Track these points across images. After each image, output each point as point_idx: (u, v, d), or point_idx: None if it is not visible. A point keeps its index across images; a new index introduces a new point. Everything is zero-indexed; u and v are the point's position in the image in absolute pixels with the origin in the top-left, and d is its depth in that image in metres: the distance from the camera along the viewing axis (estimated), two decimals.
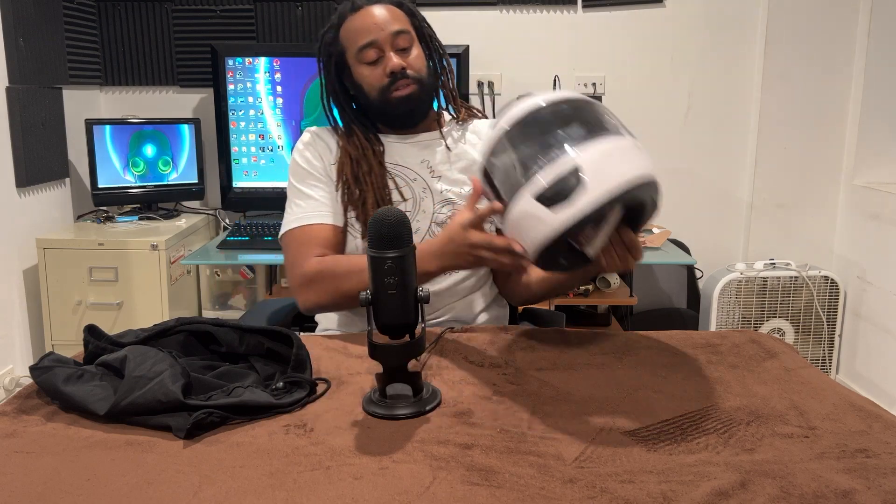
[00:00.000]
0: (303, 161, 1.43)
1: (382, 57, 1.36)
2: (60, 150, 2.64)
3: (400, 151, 1.43)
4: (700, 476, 0.80)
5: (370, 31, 1.35)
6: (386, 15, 1.36)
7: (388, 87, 1.36)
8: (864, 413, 0.96)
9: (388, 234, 0.93)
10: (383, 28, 1.34)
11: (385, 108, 1.39)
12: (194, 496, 0.78)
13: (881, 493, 0.77)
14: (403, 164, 1.43)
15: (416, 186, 1.42)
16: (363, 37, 1.35)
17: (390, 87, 1.36)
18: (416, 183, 1.42)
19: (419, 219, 1.40)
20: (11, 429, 0.93)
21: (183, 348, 1.08)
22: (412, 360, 0.98)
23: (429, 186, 1.42)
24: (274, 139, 2.74)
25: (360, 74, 1.38)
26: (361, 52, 1.36)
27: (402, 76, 1.35)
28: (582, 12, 2.87)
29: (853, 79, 2.81)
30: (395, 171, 1.42)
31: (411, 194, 1.41)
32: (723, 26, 2.86)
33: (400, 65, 1.35)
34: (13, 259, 2.41)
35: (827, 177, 2.91)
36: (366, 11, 1.36)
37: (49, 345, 2.49)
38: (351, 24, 1.37)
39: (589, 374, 1.10)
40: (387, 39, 1.35)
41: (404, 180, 1.42)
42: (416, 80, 1.37)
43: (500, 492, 0.78)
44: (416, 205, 1.41)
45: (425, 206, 1.41)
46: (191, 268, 2.74)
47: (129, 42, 2.89)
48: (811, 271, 2.78)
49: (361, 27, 1.35)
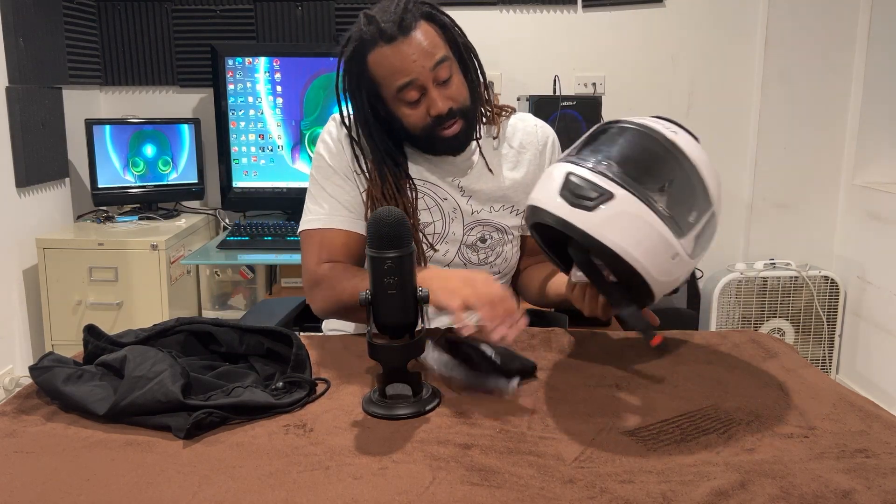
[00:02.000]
0: (328, 155, 1.35)
1: (424, 94, 1.23)
2: (60, 150, 2.64)
3: (432, 169, 1.36)
4: (700, 476, 0.80)
5: (409, 71, 1.21)
6: (423, 45, 1.20)
7: (434, 126, 1.26)
8: (863, 413, 0.96)
9: (388, 234, 0.93)
10: (423, 64, 1.20)
11: (430, 143, 1.30)
12: (194, 496, 0.78)
13: (881, 493, 0.77)
14: (433, 182, 1.35)
15: (445, 207, 1.36)
16: (400, 76, 1.21)
17: (436, 127, 1.26)
18: (446, 203, 1.36)
19: (448, 241, 1.36)
20: (11, 429, 0.93)
21: (183, 348, 1.08)
22: (412, 360, 0.98)
23: (459, 207, 1.36)
24: (274, 139, 2.74)
25: (401, 113, 1.26)
26: (401, 93, 1.23)
27: (450, 116, 1.25)
28: (582, 12, 2.87)
29: (853, 79, 2.81)
30: (425, 188, 1.35)
31: (440, 215, 1.36)
32: (723, 26, 2.86)
33: (446, 107, 1.23)
34: (13, 259, 2.41)
35: (827, 177, 2.91)
36: (400, 46, 1.20)
37: (49, 345, 2.49)
38: (384, 59, 1.22)
39: (589, 373, 1.10)
40: (427, 77, 1.22)
41: (434, 200, 1.35)
42: (462, 113, 1.27)
43: (499, 492, 0.78)
44: (446, 226, 1.36)
45: (455, 228, 1.36)
46: (191, 268, 2.74)
47: (129, 42, 2.89)
48: (811, 271, 2.78)
49: (399, 66, 1.21)
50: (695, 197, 1.00)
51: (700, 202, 1.00)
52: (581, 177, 1.00)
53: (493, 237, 1.38)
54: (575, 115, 2.57)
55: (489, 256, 1.39)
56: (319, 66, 2.68)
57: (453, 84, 1.25)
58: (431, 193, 1.35)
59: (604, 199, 0.97)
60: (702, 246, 1.02)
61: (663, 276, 0.98)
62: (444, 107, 1.23)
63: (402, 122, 1.28)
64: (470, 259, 1.38)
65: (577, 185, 0.99)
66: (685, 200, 0.99)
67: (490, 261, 1.40)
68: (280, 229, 2.53)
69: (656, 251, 0.97)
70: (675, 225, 0.97)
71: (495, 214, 1.39)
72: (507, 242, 1.40)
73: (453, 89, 1.25)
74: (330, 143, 1.36)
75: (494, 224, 1.38)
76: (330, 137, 1.36)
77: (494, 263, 1.41)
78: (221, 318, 1.11)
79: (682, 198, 0.99)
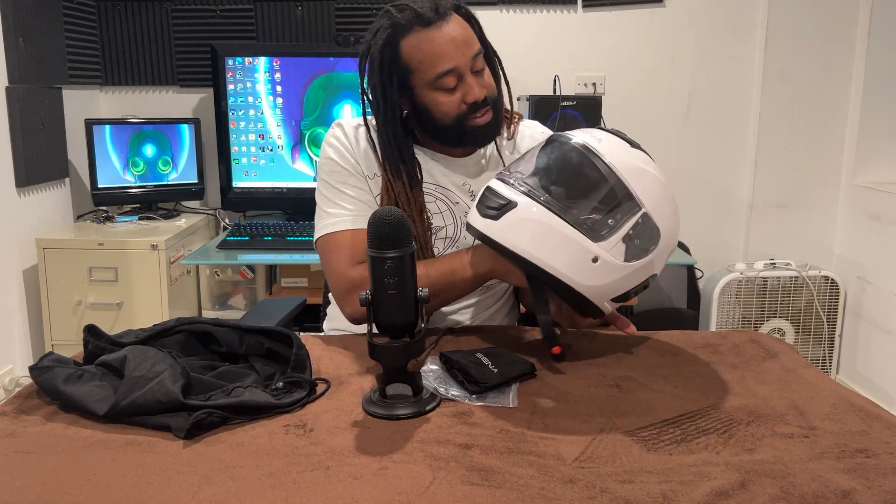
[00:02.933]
0: (338, 157, 1.33)
1: (461, 81, 1.23)
2: (60, 150, 2.64)
3: (444, 172, 1.35)
4: (700, 476, 0.80)
5: (451, 57, 1.20)
6: (463, 34, 1.21)
7: (467, 114, 1.25)
8: (864, 413, 0.96)
9: (388, 234, 0.93)
10: (464, 52, 1.21)
11: (458, 133, 1.28)
12: (194, 496, 0.78)
13: (881, 493, 0.77)
14: (445, 187, 1.35)
15: (458, 211, 1.35)
16: (442, 62, 1.21)
17: (468, 115, 1.25)
18: (457, 207, 1.35)
19: (460, 245, 1.36)
20: (11, 429, 0.93)
21: (183, 348, 1.08)
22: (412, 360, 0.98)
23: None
24: (274, 139, 2.74)
25: (433, 100, 1.25)
26: (440, 80, 1.22)
27: (484, 104, 1.25)
28: (582, 12, 2.87)
29: (853, 79, 2.81)
30: (437, 192, 1.35)
31: (452, 219, 1.35)
32: (723, 26, 2.86)
33: (482, 94, 1.24)
34: (13, 259, 2.41)
35: (827, 177, 2.91)
36: (440, 30, 1.20)
37: (49, 345, 2.49)
38: (422, 44, 1.21)
39: (589, 374, 1.10)
40: (466, 65, 1.22)
41: (446, 204, 1.35)
42: (493, 104, 1.27)
43: (499, 492, 0.78)
44: (457, 230, 1.36)
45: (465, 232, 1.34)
46: (191, 268, 2.74)
47: (129, 42, 2.89)
48: (811, 271, 2.78)
49: (440, 51, 1.20)
50: (614, 200, 1.04)
51: (623, 205, 1.04)
52: (493, 189, 1.10)
53: None
54: (575, 115, 2.57)
55: None
56: (319, 66, 2.68)
57: (486, 74, 1.27)
58: (443, 198, 1.35)
59: (508, 208, 1.06)
60: (641, 248, 1.05)
61: (590, 281, 1.04)
62: (480, 94, 1.24)
63: (430, 113, 1.27)
64: None
65: (487, 197, 1.10)
66: (604, 205, 1.04)
67: None
68: (280, 229, 2.53)
69: (569, 254, 1.03)
70: (589, 229, 1.03)
71: None
72: None
73: (487, 79, 1.27)
74: (339, 147, 1.34)
75: None
76: (338, 141, 1.34)
77: None
78: (221, 318, 1.11)
79: (600, 202, 1.05)
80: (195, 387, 0.96)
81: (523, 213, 1.04)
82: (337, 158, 1.33)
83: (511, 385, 1.03)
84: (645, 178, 1.06)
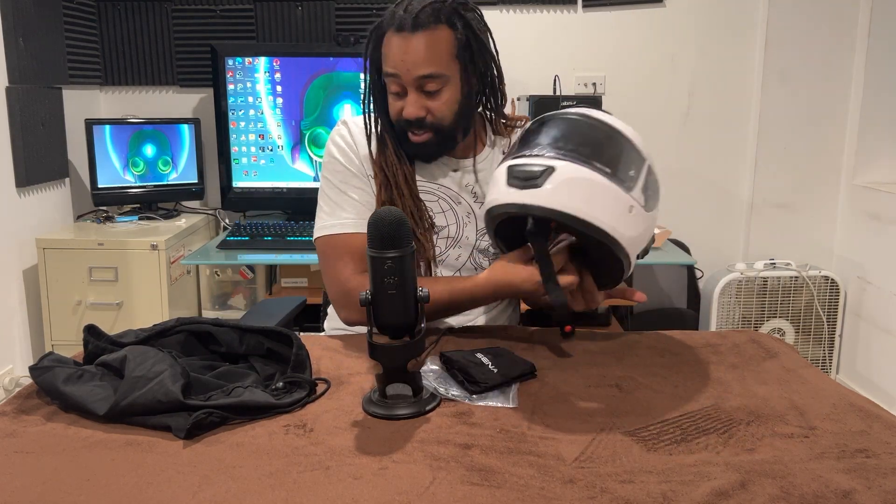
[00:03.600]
0: (342, 157, 1.33)
1: (405, 93, 1.24)
2: (60, 150, 2.64)
3: (446, 172, 1.36)
4: (700, 476, 0.80)
5: (396, 66, 1.22)
6: (421, 53, 1.20)
7: (404, 126, 1.27)
8: (864, 413, 0.96)
9: (388, 234, 0.93)
10: (409, 69, 1.21)
11: (401, 139, 1.30)
12: (194, 496, 0.78)
13: (881, 493, 0.77)
14: (447, 186, 1.35)
15: (460, 211, 1.36)
16: (389, 65, 1.23)
17: (405, 128, 1.27)
18: (460, 207, 1.36)
19: (462, 245, 1.36)
20: (11, 429, 0.93)
21: (183, 348, 1.08)
22: (412, 360, 0.98)
23: (473, 212, 1.36)
24: (274, 139, 2.74)
25: (389, 97, 1.29)
26: (386, 78, 1.26)
27: (418, 125, 1.25)
28: (582, 12, 2.87)
29: (853, 79, 2.81)
30: (440, 192, 1.35)
31: (455, 219, 1.35)
32: (723, 26, 2.86)
33: (415, 115, 1.24)
34: (13, 259, 2.41)
35: (827, 177, 2.91)
36: (402, 39, 1.21)
37: (49, 345, 2.49)
38: (387, 43, 1.24)
39: (589, 373, 1.10)
40: (410, 83, 1.23)
41: (448, 203, 1.35)
42: (435, 128, 1.26)
43: (499, 492, 0.78)
44: (460, 230, 1.36)
45: (468, 233, 1.36)
46: (191, 268, 2.74)
47: (129, 42, 2.89)
48: (811, 271, 2.78)
49: (389, 56, 1.23)
50: (627, 154, 1.09)
51: (634, 158, 1.09)
52: (520, 164, 1.09)
53: None
54: None
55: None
56: (319, 66, 2.68)
57: (440, 99, 1.24)
58: (446, 197, 1.35)
59: (548, 173, 1.05)
60: (652, 197, 1.10)
61: (629, 231, 1.06)
62: (412, 113, 1.24)
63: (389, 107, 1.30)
64: (481, 264, 1.37)
65: (520, 171, 1.08)
66: (619, 159, 1.08)
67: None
68: (280, 229, 2.53)
69: (611, 206, 1.05)
70: (619, 180, 1.06)
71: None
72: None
73: (438, 104, 1.25)
74: (343, 146, 1.34)
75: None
76: (343, 140, 1.34)
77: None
78: (221, 319, 1.11)
79: (615, 158, 1.08)
80: (195, 387, 0.96)
81: (566, 174, 1.05)
82: (340, 158, 1.33)
83: (511, 385, 1.03)
84: (636, 136, 1.12)
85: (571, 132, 1.11)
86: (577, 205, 1.04)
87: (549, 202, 1.05)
